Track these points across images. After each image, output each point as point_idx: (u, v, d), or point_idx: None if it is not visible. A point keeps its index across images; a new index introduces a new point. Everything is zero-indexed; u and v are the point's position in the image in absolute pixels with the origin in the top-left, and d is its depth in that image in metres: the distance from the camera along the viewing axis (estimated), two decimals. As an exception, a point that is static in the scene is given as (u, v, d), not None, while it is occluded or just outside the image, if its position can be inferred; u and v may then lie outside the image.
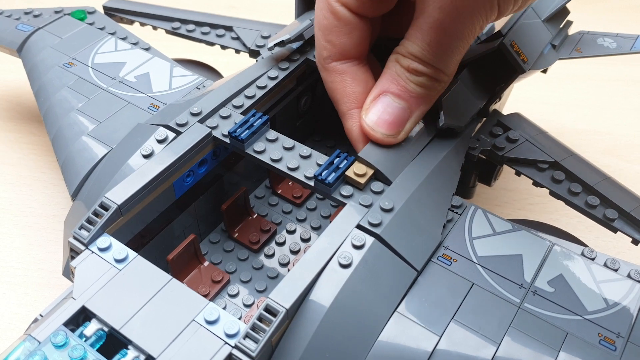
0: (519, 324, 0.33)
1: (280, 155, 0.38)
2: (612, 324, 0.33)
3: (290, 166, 0.37)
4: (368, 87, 0.38)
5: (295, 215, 0.47)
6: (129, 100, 0.48)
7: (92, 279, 0.32)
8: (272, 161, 0.38)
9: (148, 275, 0.32)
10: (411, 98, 0.36)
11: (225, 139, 0.39)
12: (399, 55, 0.36)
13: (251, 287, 0.42)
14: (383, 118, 0.36)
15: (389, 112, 0.36)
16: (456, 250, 0.36)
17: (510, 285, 0.34)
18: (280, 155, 0.38)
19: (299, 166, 0.37)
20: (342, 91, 0.38)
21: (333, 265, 0.32)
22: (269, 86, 0.44)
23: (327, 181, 0.35)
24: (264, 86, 0.44)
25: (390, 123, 0.36)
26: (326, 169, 0.36)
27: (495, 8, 0.33)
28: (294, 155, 0.38)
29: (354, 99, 0.38)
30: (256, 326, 0.29)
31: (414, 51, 0.35)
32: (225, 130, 0.40)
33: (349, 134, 0.39)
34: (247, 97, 0.43)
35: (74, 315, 0.30)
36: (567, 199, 0.42)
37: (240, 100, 0.42)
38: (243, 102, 0.42)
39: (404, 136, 0.37)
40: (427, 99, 0.37)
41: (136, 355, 0.29)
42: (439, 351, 0.31)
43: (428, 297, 0.33)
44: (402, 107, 0.36)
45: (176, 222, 0.42)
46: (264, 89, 0.43)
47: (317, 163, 0.38)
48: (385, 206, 0.35)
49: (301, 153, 0.38)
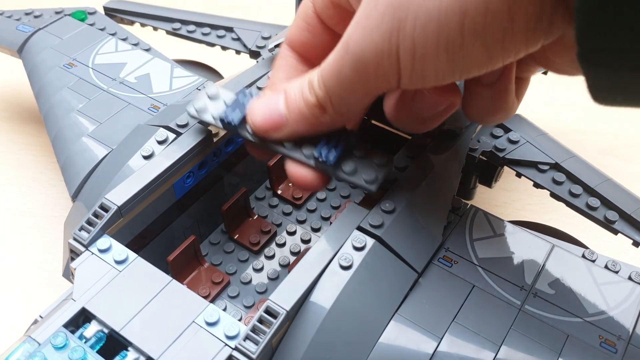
0: (520, 326, 0.33)
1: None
2: (613, 327, 0.33)
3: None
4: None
5: (295, 217, 0.47)
6: (130, 101, 0.48)
7: (92, 280, 0.32)
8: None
9: (148, 277, 0.32)
10: (293, 112, 0.33)
11: (218, 123, 0.37)
12: (319, 66, 0.32)
13: (251, 289, 0.42)
14: (261, 110, 0.34)
15: (269, 109, 0.34)
16: (457, 252, 0.36)
17: (511, 287, 0.34)
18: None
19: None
20: (273, 71, 0.37)
21: (333, 266, 0.32)
22: (269, 87, 0.44)
23: (328, 162, 0.33)
24: (265, 87, 0.44)
25: (262, 120, 0.34)
26: (325, 147, 0.33)
27: (394, 79, 0.28)
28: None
29: (271, 82, 0.36)
30: (256, 328, 0.29)
31: (321, 67, 0.31)
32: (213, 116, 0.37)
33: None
34: (247, 98, 0.43)
35: (74, 317, 0.30)
36: (567, 200, 0.42)
37: (240, 101, 0.42)
38: (243, 103, 0.42)
39: (274, 139, 0.34)
40: (306, 122, 0.33)
41: (136, 357, 0.29)
42: (439, 353, 0.31)
43: (429, 299, 0.33)
44: (282, 114, 0.33)
45: (176, 223, 0.42)
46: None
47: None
48: (386, 208, 0.34)
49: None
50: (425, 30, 0.25)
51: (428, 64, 0.26)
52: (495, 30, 0.24)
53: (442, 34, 0.24)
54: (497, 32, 0.24)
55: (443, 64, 0.26)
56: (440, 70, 0.26)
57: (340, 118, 0.32)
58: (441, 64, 0.26)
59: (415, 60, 0.26)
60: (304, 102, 0.32)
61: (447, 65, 0.26)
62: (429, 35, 0.25)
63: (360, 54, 0.27)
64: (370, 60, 0.27)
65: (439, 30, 0.24)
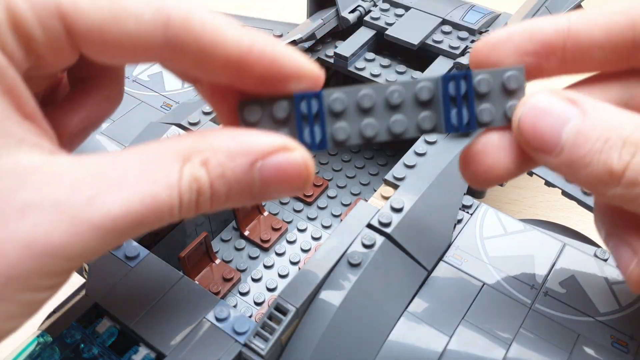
0: (530, 325, 0.32)
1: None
2: (624, 326, 0.32)
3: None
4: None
5: (306, 214, 0.47)
6: (142, 99, 0.49)
7: (104, 276, 0.32)
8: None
9: (160, 273, 0.32)
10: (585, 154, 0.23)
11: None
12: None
13: (262, 286, 0.42)
14: (540, 117, 0.24)
15: (551, 121, 0.24)
16: (467, 250, 0.36)
17: (522, 285, 0.34)
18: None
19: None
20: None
21: (343, 264, 0.32)
22: (280, 85, 0.44)
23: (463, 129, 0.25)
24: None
25: (532, 129, 0.24)
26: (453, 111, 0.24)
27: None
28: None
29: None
30: (266, 325, 0.29)
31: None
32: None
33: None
34: (258, 96, 0.43)
35: (86, 312, 0.31)
36: (579, 199, 0.42)
37: (251, 99, 0.42)
38: (254, 101, 0.42)
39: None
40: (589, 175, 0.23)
41: (147, 353, 0.29)
42: (449, 351, 0.31)
43: (438, 297, 0.33)
44: (563, 139, 0.24)
45: (188, 220, 0.42)
46: (275, 88, 0.44)
47: (420, 101, 0.24)
48: (396, 205, 0.34)
49: (390, 101, 0.24)
50: None
51: None
52: None
53: None
54: None
55: None
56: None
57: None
58: None
59: None
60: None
61: None
62: None
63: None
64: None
65: None
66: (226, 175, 0.22)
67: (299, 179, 0.23)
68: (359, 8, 0.48)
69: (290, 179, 0.23)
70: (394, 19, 0.48)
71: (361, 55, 0.47)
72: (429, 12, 0.48)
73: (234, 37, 0.23)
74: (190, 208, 0.22)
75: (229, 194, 0.22)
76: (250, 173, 0.22)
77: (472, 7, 0.49)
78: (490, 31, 0.25)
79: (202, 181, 0.22)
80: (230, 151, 0.22)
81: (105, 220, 0.20)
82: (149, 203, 0.21)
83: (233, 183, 0.22)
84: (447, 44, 0.46)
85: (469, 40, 0.46)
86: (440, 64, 0.45)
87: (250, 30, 0.23)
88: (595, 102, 0.23)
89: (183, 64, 0.23)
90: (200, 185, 0.22)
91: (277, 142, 0.23)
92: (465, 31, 0.47)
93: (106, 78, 0.27)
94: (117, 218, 0.20)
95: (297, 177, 0.23)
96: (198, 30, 0.22)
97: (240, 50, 0.23)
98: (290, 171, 0.23)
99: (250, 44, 0.23)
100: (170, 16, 0.22)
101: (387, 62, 0.46)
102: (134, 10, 0.22)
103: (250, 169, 0.22)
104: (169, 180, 0.21)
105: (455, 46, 0.45)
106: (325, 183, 0.49)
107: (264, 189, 0.23)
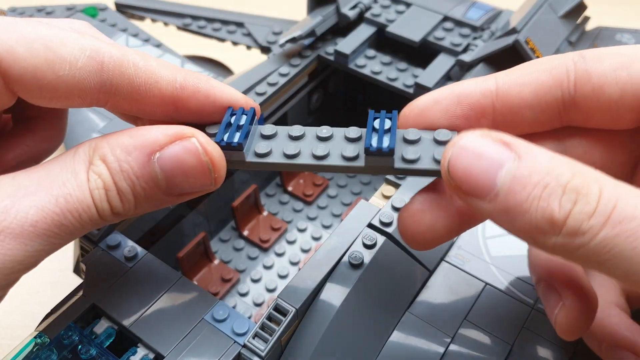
0: (533, 324, 0.32)
1: (298, 149, 0.26)
2: (628, 326, 0.32)
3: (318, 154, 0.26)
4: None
5: (306, 214, 0.47)
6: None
7: (102, 276, 0.32)
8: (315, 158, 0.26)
9: (158, 273, 0.32)
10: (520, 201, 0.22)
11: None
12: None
13: (261, 286, 0.42)
14: (473, 161, 0.23)
15: (486, 166, 0.23)
16: (469, 250, 0.36)
17: (524, 285, 0.34)
18: (297, 149, 0.26)
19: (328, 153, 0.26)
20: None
21: (344, 264, 0.32)
22: (280, 83, 0.43)
23: (384, 149, 0.24)
24: (275, 83, 0.43)
25: (464, 173, 0.24)
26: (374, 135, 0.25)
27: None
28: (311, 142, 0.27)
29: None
30: (265, 325, 0.29)
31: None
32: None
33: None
34: (257, 94, 0.42)
35: (84, 313, 0.30)
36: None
37: (250, 97, 0.42)
38: (254, 99, 0.42)
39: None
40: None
41: (145, 354, 0.29)
42: (451, 352, 0.31)
43: (440, 298, 0.33)
44: (496, 183, 0.22)
45: (186, 220, 0.42)
46: (274, 85, 0.43)
47: (348, 137, 0.26)
48: (397, 205, 0.34)
49: (319, 134, 0.26)
50: None
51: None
52: None
53: None
54: None
55: None
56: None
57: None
58: None
59: None
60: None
61: None
62: None
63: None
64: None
65: None
66: (125, 170, 0.23)
67: (200, 166, 0.23)
68: (360, 4, 0.48)
69: (191, 168, 0.23)
70: (395, 15, 0.47)
71: (362, 52, 0.46)
72: (431, 9, 0.48)
73: (166, 76, 0.24)
74: (104, 208, 0.23)
75: (134, 189, 0.23)
76: (149, 165, 0.23)
77: (474, 4, 0.49)
78: (427, 92, 0.23)
79: (104, 177, 0.23)
80: (126, 145, 0.23)
81: (23, 226, 0.21)
82: (63, 203, 0.22)
83: (134, 177, 0.23)
84: (449, 41, 0.45)
85: (471, 37, 0.46)
86: (442, 61, 0.44)
87: (183, 69, 0.25)
88: (529, 146, 0.21)
89: (120, 105, 0.24)
90: (103, 181, 0.23)
91: (170, 131, 0.23)
92: (467, 28, 0.46)
93: (47, 119, 0.29)
94: (36, 222, 0.22)
95: (198, 165, 0.23)
96: (131, 72, 0.24)
97: (174, 87, 0.24)
98: (188, 159, 0.23)
99: (184, 81, 0.24)
100: (104, 62, 0.23)
101: (388, 60, 0.46)
102: (68, 56, 0.23)
103: (148, 161, 0.23)
104: (77, 180, 0.23)
105: (457, 43, 0.45)
106: (325, 182, 0.49)
107: (170, 182, 0.23)
